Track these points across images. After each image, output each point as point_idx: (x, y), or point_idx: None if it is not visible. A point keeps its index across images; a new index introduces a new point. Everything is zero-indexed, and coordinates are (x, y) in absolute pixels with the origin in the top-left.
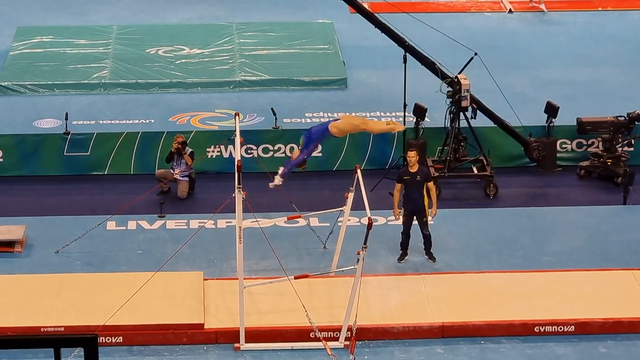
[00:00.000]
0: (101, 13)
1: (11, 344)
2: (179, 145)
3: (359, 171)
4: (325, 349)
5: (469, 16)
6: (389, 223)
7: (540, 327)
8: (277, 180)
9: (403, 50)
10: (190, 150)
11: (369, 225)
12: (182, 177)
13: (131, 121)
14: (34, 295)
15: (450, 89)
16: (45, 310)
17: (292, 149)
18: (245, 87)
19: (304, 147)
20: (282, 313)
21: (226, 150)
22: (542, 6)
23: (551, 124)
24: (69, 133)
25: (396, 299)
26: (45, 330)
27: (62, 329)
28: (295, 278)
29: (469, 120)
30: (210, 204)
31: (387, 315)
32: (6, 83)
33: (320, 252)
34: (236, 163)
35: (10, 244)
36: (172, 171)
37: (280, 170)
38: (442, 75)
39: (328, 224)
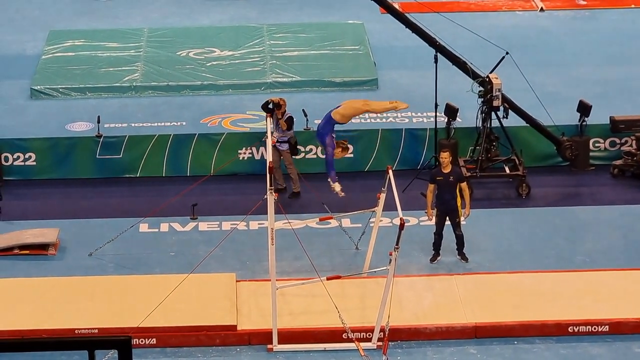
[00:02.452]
0: (132, 16)
1: (45, 346)
2: (274, 106)
3: (390, 172)
4: (358, 350)
5: (500, 15)
6: (421, 224)
7: (574, 327)
8: (337, 186)
9: (434, 50)
10: (288, 115)
11: (401, 226)
12: (280, 141)
13: (163, 124)
14: (67, 298)
15: (481, 88)
16: (79, 313)
17: (322, 150)
18: (276, 89)
19: (323, 145)
20: (314, 314)
21: (258, 152)
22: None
23: (584, 123)
24: (101, 136)
25: (429, 300)
26: (79, 332)
27: (96, 331)
28: (328, 279)
29: (501, 119)
30: (242, 205)
31: (419, 316)
32: (39, 87)
33: (352, 253)
34: (267, 165)
35: (44, 246)
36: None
37: (330, 177)
38: (474, 75)
39: (360, 225)
